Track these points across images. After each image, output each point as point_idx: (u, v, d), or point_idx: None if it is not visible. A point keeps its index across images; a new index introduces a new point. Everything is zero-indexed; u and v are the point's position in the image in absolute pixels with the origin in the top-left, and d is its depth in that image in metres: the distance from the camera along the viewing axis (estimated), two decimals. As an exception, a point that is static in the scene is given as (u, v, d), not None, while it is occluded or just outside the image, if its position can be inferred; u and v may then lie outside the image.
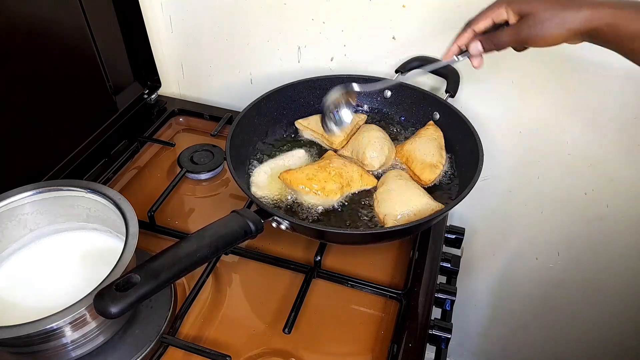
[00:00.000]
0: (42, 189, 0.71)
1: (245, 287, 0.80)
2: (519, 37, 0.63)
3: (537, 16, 0.60)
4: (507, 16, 0.64)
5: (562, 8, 0.59)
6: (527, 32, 0.61)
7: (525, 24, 0.61)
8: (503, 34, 0.64)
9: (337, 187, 0.80)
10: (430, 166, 0.84)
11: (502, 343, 1.43)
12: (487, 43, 0.67)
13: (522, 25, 0.62)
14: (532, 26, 0.61)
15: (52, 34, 0.85)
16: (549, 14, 0.59)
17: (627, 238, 1.04)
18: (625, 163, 0.94)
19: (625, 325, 1.18)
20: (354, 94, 0.83)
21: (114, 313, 0.50)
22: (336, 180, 0.80)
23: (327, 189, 0.79)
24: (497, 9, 0.64)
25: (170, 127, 1.12)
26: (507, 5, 0.63)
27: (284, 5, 0.97)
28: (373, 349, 0.71)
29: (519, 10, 0.62)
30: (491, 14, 0.65)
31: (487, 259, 1.24)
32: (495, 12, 0.65)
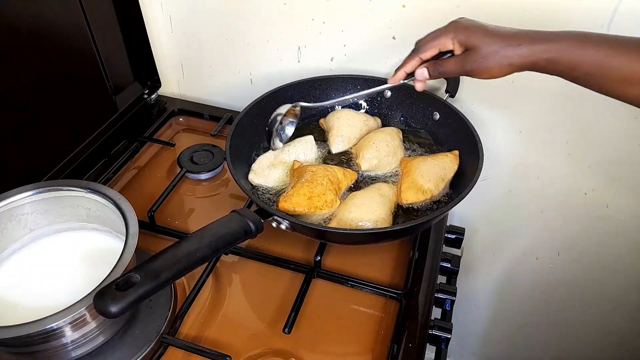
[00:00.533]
0: (42, 189, 0.71)
1: (245, 287, 0.80)
2: (463, 69, 0.65)
3: (480, 51, 0.63)
4: (452, 47, 0.66)
5: (503, 45, 0.61)
6: (471, 66, 0.64)
7: (469, 57, 0.64)
8: (449, 64, 0.67)
9: (334, 194, 0.80)
10: (418, 189, 0.81)
11: (502, 343, 1.43)
12: (433, 70, 0.69)
13: (467, 59, 0.64)
14: (476, 60, 0.63)
15: (52, 34, 0.85)
16: (491, 49, 0.62)
17: (627, 238, 1.04)
18: (625, 163, 0.94)
19: (626, 324, 1.18)
20: (299, 109, 0.85)
21: (114, 312, 0.50)
22: (331, 188, 0.80)
23: (329, 200, 0.79)
24: (443, 39, 0.67)
25: (170, 127, 1.12)
26: (453, 37, 0.66)
27: (284, 5, 0.97)
28: (373, 349, 0.71)
29: (465, 42, 0.64)
30: (438, 43, 0.67)
31: (487, 259, 1.24)
32: (442, 42, 0.67)
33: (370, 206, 0.78)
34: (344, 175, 0.84)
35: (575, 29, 0.62)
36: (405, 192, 0.81)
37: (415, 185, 0.81)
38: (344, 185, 0.84)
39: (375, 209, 0.77)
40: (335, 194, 0.81)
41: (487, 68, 0.63)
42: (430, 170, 0.83)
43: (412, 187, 0.81)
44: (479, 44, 0.63)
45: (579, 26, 0.64)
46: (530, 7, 0.83)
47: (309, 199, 0.77)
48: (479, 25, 0.65)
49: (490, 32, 0.63)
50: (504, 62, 0.62)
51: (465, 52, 0.65)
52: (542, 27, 0.83)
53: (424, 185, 0.81)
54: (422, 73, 0.70)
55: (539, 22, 0.83)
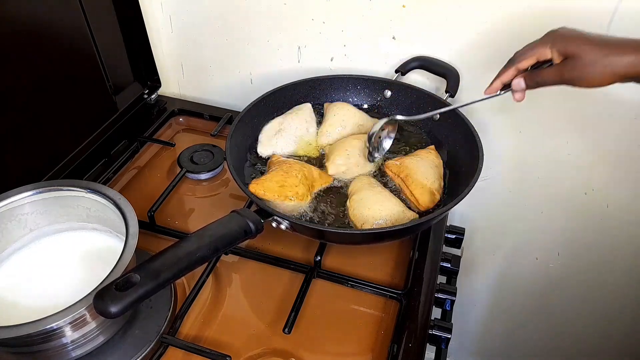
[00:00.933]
0: (42, 189, 0.71)
1: (245, 287, 0.80)
2: (563, 78, 0.62)
3: (581, 59, 0.60)
4: (551, 56, 0.64)
5: (607, 52, 0.59)
6: (570, 74, 0.61)
7: (569, 66, 0.61)
8: (547, 73, 0.64)
9: (306, 189, 0.80)
10: (430, 193, 0.81)
11: (502, 343, 1.43)
12: (530, 80, 0.67)
13: (566, 67, 0.62)
14: (576, 69, 0.60)
15: (52, 34, 0.85)
16: (593, 57, 0.59)
17: (627, 238, 1.04)
18: (626, 163, 0.94)
19: (625, 324, 1.18)
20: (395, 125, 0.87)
21: (114, 313, 0.50)
22: (304, 183, 0.80)
23: (300, 193, 0.79)
24: (541, 48, 0.64)
25: (170, 127, 1.12)
26: (551, 45, 0.63)
27: (284, 5, 0.97)
28: (373, 349, 0.71)
29: (564, 51, 0.62)
30: (535, 53, 0.65)
31: (487, 259, 1.24)
32: (540, 51, 0.64)
33: (388, 201, 0.78)
34: (320, 176, 0.84)
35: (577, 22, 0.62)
36: (423, 198, 0.80)
37: (426, 189, 0.80)
38: (318, 185, 0.83)
39: (393, 202, 0.79)
40: (307, 189, 0.80)
41: (588, 77, 0.60)
42: (429, 172, 0.83)
43: (426, 192, 0.80)
44: (580, 52, 0.60)
45: (578, 26, 0.64)
46: (531, 7, 0.83)
47: (281, 187, 0.77)
48: (580, 33, 0.62)
49: (592, 40, 0.60)
50: (607, 70, 0.59)
51: (565, 60, 0.62)
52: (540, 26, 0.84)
53: (433, 187, 0.81)
54: (519, 83, 0.68)
55: (539, 23, 0.83)
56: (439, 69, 0.93)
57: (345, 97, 0.99)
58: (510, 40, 0.86)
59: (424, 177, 0.82)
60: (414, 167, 0.83)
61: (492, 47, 0.89)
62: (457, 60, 0.93)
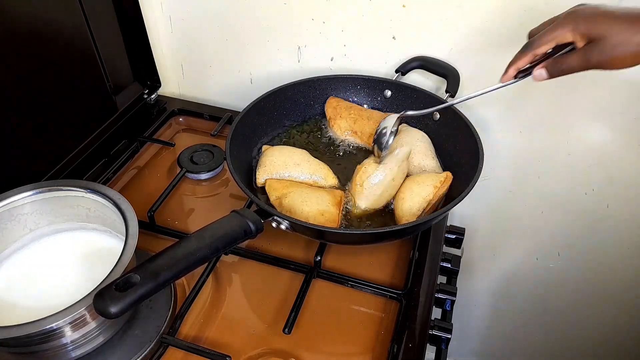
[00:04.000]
0: (42, 189, 0.71)
1: (245, 287, 0.80)
2: (589, 63, 0.58)
3: (609, 40, 0.55)
4: (573, 39, 0.58)
5: (636, 30, 0.54)
6: (598, 58, 0.56)
7: (596, 49, 0.56)
8: (571, 60, 0.59)
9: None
10: (410, 215, 0.78)
11: (503, 343, 1.43)
12: (553, 68, 0.62)
13: (593, 50, 0.57)
14: (604, 51, 0.56)
15: (52, 34, 0.85)
16: (622, 37, 0.54)
17: (627, 238, 1.04)
18: (626, 163, 0.94)
19: (626, 325, 1.18)
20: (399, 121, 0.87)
21: (114, 313, 0.50)
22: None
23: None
24: (560, 31, 0.59)
25: (170, 127, 1.12)
26: (573, 28, 0.58)
27: (284, 5, 0.97)
28: (373, 349, 0.71)
29: (588, 33, 0.57)
30: (554, 37, 0.60)
31: (488, 259, 1.24)
32: (559, 34, 0.59)
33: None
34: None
35: None
36: (400, 212, 0.79)
37: (406, 211, 0.79)
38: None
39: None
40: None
41: (619, 58, 0.55)
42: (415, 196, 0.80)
43: (405, 214, 0.79)
44: (606, 33, 0.55)
45: None
46: (532, 7, 0.83)
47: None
48: (603, 11, 0.56)
49: (619, 17, 0.54)
50: (638, 50, 0.54)
51: (590, 44, 0.57)
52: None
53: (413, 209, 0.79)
54: (541, 74, 0.63)
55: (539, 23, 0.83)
56: (439, 69, 0.93)
57: (345, 97, 0.99)
58: (511, 40, 0.86)
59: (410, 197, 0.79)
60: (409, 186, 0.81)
61: (492, 47, 0.89)
62: (457, 60, 0.93)
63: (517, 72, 0.66)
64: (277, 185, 0.83)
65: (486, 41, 0.89)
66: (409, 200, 0.78)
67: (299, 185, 0.83)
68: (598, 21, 0.56)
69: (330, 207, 0.78)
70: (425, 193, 0.79)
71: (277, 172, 0.85)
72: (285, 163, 0.85)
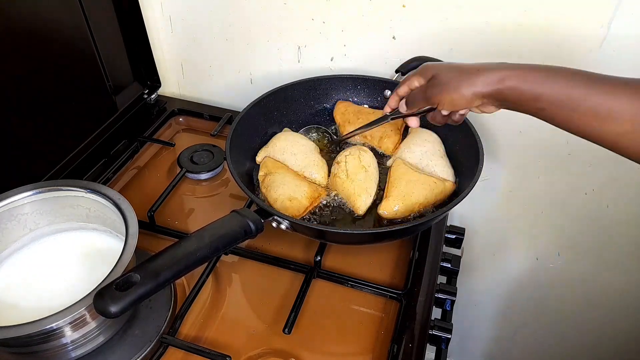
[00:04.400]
0: (42, 189, 0.71)
1: (245, 287, 0.80)
2: (424, 96, 0.68)
3: (439, 77, 0.65)
4: (417, 83, 0.70)
5: (463, 73, 0.63)
6: (430, 92, 0.66)
7: (430, 85, 0.67)
8: (415, 94, 0.70)
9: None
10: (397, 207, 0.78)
11: (503, 343, 1.43)
12: (408, 103, 0.73)
13: (428, 86, 0.67)
14: (435, 86, 0.65)
15: (52, 34, 0.85)
16: (449, 76, 0.64)
17: (627, 238, 1.04)
18: (626, 163, 0.94)
19: (626, 325, 1.18)
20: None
21: (114, 312, 0.50)
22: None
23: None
24: (413, 78, 0.71)
25: (170, 127, 1.12)
26: (420, 74, 0.69)
27: (284, 5, 0.97)
28: (373, 349, 0.71)
29: (426, 74, 0.68)
30: (407, 81, 0.72)
31: (488, 259, 1.24)
32: (411, 80, 0.71)
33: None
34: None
35: (568, 50, 0.62)
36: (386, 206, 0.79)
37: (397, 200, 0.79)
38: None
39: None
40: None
41: (446, 93, 0.64)
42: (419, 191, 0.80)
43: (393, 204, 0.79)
44: (438, 72, 0.66)
45: (571, 48, 0.64)
46: (531, 8, 0.83)
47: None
48: (444, 62, 0.69)
49: (452, 65, 0.66)
50: (467, 91, 0.62)
51: (428, 81, 0.68)
52: (540, 29, 0.85)
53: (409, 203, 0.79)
54: (402, 105, 0.75)
55: (539, 23, 0.83)
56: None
57: (345, 97, 0.99)
58: (511, 40, 0.87)
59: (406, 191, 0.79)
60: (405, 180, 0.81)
61: (492, 48, 0.89)
62: (457, 60, 0.92)
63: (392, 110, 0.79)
64: (270, 164, 0.87)
65: (486, 41, 0.89)
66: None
67: (287, 170, 0.85)
68: (435, 67, 0.67)
69: (302, 198, 0.79)
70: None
71: (274, 154, 0.89)
72: (283, 149, 0.88)
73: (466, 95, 0.62)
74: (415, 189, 0.79)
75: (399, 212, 0.78)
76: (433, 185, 0.80)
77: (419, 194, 0.79)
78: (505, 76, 0.59)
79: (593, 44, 0.82)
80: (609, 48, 0.82)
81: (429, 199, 0.79)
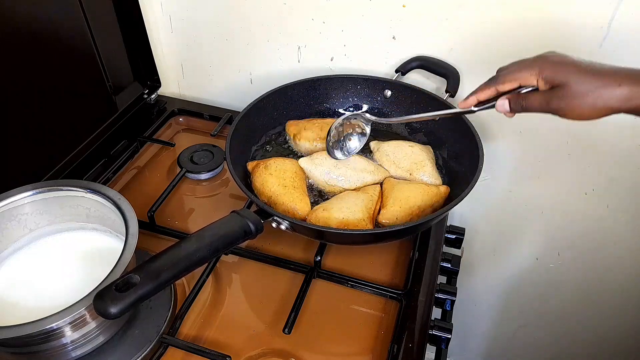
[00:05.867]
0: (42, 189, 0.71)
1: (245, 287, 0.80)
2: (548, 107, 0.58)
3: (570, 89, 0.56)
4: (536, 83, 0.60)
5: (599, 83, 0.54)
6: (557, 104, 0.57)
7: (557, 96, 0.57)
8: (533, 99, 0.60)
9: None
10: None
11: (503, 343, 1.43)
12: (515, 104, 0.62)
13: (554, 96, 0.57)
14: (564, 99, 0.56)
15: (52, 34, 0.85)
16: (584, 88, 0.55)
17: (627, 238, 1.04)
18: (625, 163, 0.94)
19: (626, 325, 1.18)
20: (363, 125, 0.86)
21: (114, 313, 0.50)
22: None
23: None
24: (526, 74, 0.60)
25: (170, 127, 1.12)
26: (539, 72, 0.59)
27: (284, 5, 0.97)
28: (373, 349, 0.71)
29: (552, 79, 0.58)
30: (519, 78, 0.61)
31: (487, 259, 1.24)
32: (524, 76, 0.60)
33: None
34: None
35: (571, 50, 0.60)
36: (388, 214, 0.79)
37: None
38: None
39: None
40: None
41: (577, 109, 0.56)
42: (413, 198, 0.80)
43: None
44: (569, 81, 0.56)
45: (573, 41, 0.62)
46: (532, 7, 0.83)
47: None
48: (571, 61, 0.58)
49: (584, 69, 0.56)
50: (599, 103, 0.54)
51: (553, 89, 0.58)
52: (540, 30, 0.84)
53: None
54: (503, 105, 0.63)
55: (538, 25, 0.83)
56: (439, 69, 0.93)
57: (346, 97, 0.99)
58: (511, 40, 0.87)
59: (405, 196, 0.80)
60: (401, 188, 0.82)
61: (493, 48, 0.88)
62: (458, 60, 0.93)
63: (478, 102, 0.67)
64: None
65: (486, 41, 0.89)
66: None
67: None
68: (563, 69, 0.57)
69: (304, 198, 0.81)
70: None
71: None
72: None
73: (601, 111, 0.55)
74: (410, 193, 0.80)
75: (399, 218, 0.78)
76: (427, 188, 0.81)
77: (415, 197, 0.79)
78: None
79: (595, 40, 0.82)
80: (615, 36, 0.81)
81: (426, 202, 0.79)
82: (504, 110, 0.64)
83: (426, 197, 0.80)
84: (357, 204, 0.78)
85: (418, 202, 0.79)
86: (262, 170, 0.83)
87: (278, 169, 0.83)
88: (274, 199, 0.80)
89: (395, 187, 0.82)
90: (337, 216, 0.75)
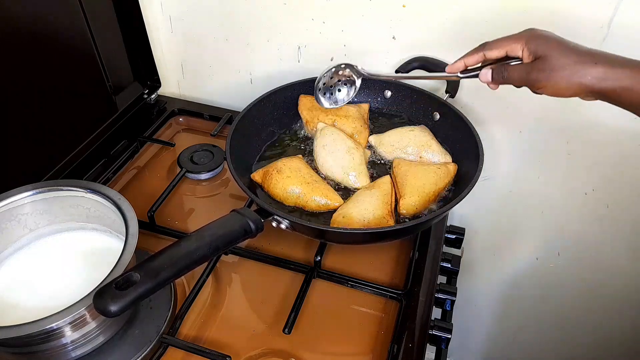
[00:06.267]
0: (42, 189, 0.71)
1: (245, 287, 0.80)
2: (527, 78, 0.61)
3: (548, 61, 0.58)
4: (521, 54, 0.62)
5: (578, 59, 0.56)
6: (535, 76, 0.59)
7: (536, 67, 0.59)
8: (514, 70, 0.63)
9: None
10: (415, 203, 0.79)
11: (502, 343, 1.43)
12: (497, 74, 0.65)
13: (534, 68, 0.60)
14: (542, 70, 0.58)
15: (52, 34, 0.85)
16: (562, 62, 0.57)
17: (627, 238, 1.04)
18: (625, 163, 0.94)
19: (626, 325, 1.18)
20: (356, 75, 0.86)
21: (114, 311, 0.50)
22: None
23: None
24: (513, 43, 0.62)
25: (170, 127, 1.12)
26: (525, 43, 0.61)
27: (284, 5, 0.97)
28: (373, 349, 0.71)
29: (534, 50, 0.60)
30: (506, 46, 0.63)
31: (487, 259, 1.24)
32: (511, 45, 0.63)
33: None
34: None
35: (571, 37, 0.61)
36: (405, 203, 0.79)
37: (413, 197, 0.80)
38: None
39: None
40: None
41: (553, 81, 0.58)
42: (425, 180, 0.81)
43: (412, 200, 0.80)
44: (550, 54, 0.58)
45: (574, 34, 0.63)
46: (534, 6, 0.83)
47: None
48: (555, 37, 0.60)
49: (565, 45, 0.58)
50: (574, 78, 0.56)
51: (534, 61, 0.60)
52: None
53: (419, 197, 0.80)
54: (486, 74, 0.66)
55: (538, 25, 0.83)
56: (439, 69, 0.92)
57: (345, 97, 0.99)
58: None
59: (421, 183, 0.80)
60: (413, 173, 0.82)
61: (492, 47, 0.89)
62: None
63: (465, 69, 0.69)
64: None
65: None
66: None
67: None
68: (547, 43, 0.59)
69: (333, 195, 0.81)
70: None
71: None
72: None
73: (574, 87, 0.57)
74: (424, 179, 0.80)
75: (418, 207, 0.78)
76: (438, 171, 0.82)
77: (430, 182, 0.80)
78: (626, 75, 0.54)
79: (595, 40, 0.82)
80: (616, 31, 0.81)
81: (439, 186, 0.81)
82: (487, 80, 0.66)
83: (439, 180, 0.81)
84: (373, 203, 0.77)
85: (433, 187, 0.80)
86: (276, 176, 0.81)
87: (292, 170, 0.82)
88: (303, 198, 0.80)
89: (409, 173, 0.82)
90: (358, 220, 0.75)
